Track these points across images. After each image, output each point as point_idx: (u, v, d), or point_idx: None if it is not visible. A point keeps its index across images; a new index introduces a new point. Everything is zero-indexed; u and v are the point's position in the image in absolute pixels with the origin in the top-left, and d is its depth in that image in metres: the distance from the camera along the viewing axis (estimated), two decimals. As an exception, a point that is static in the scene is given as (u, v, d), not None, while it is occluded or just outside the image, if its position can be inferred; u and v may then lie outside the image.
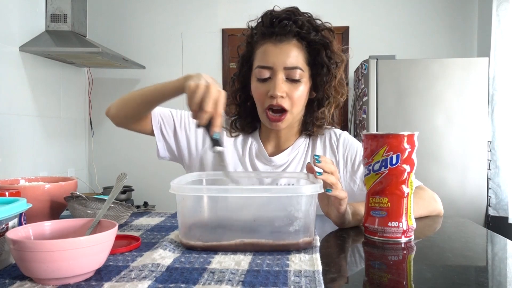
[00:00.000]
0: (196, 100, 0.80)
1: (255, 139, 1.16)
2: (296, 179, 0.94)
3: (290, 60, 1.01)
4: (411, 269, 0.67)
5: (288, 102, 1.03)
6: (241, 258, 0.66)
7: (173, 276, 0.58)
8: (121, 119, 1.12)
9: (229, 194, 0.71)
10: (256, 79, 1.05)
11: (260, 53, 1.05)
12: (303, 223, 0.70)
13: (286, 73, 1.02)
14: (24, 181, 1.01)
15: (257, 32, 1.06)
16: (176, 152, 1.17)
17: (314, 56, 1.05)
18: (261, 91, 1.04)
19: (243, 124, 1.16)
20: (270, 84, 1.03)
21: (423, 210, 1.00)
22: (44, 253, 0.53)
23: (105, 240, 0.58)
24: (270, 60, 1.02)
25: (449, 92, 2.74)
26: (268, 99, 1.03)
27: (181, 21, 3.43)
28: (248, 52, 1.09)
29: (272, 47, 1.02)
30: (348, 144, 1.13)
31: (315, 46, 1.03)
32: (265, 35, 1.04)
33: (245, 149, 1.15)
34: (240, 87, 1.13)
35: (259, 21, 1.07)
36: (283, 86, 1.02)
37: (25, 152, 2.68)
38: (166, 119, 1.15)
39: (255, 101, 1.09)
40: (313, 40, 1.03)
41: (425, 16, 3.34)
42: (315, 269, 0.60)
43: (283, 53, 1.02)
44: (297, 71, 1.02)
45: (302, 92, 1.04)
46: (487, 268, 0.69)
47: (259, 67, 1.04)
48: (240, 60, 1.12)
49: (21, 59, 2.65)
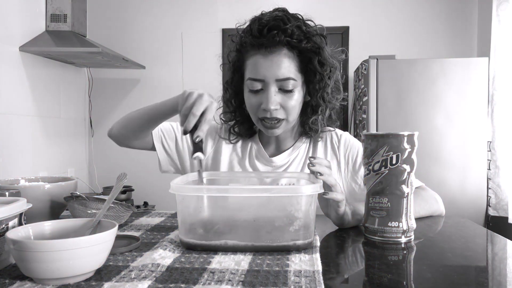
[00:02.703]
0: (188, 104, 0.82)
1: (255, 141, 1.16)
2: (296, 179, 0.94)
3: (282, 71, 0.99)
4: (411, 269, 0.67)
5: (282, 113, 1.02)
6: (241, 258, 0.66)
7: (173, 276, 0.58)
8: (124, 139, 1.14)
9: (229, 194, 0.71)
10: (248, 90, 1.04)
11: (250, 64, 1.02)
12: (303, 223, 0.70)
13: (278, 85, 1.00)
14: (24, 181, 1.01)
15: (246, 41, 1.03)
16: (178, 164, 1.18)
17: (306, 63, 1.02)
18: (254, 103, 1.03)
19: (241, 130, 1.15)
20: (262, 96, 1.01)
21: (424, 211, 1.00)
22: (44, 253, 0.53)
23: (105, 240, 0.58)
24: (261, 73, 0.99)
25: (449, 92, 2.74)
26: (261, 111, 1.02)
27: (181, 21, 3.43)
28: (239, 60, 1.07)
29: (262, 59, 0.99)
30: (349, 144, 1.13)
31: (306, 53, 1.01)
32: (254, 46, 1.01)
33: (245, 152, 1.15)
34: (233, 93, 1.12)
35: (247, 29, 1.03)
36: (276, 98, 1.00)
37: (25, 152, 2.68)
38: (167, 132, 1.16)
39: (248, 111, 1.07)
40: (304, 48, 1.00)
41: (425, 16, 3.34)
42: (315, 269, 0.60)
43: (273, 65, 0.99)
44: (290, 81, 0.99)
45: (296, 101, 1.02)
46: (487, 268, 0.69)
47: (250, 79, 1.02)
48: (232, 68, 1.10)
49: (21, 59, 2.65)
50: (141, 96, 3.47)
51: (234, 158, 1.14)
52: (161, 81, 3.46)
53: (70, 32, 2.91)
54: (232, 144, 1.17)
